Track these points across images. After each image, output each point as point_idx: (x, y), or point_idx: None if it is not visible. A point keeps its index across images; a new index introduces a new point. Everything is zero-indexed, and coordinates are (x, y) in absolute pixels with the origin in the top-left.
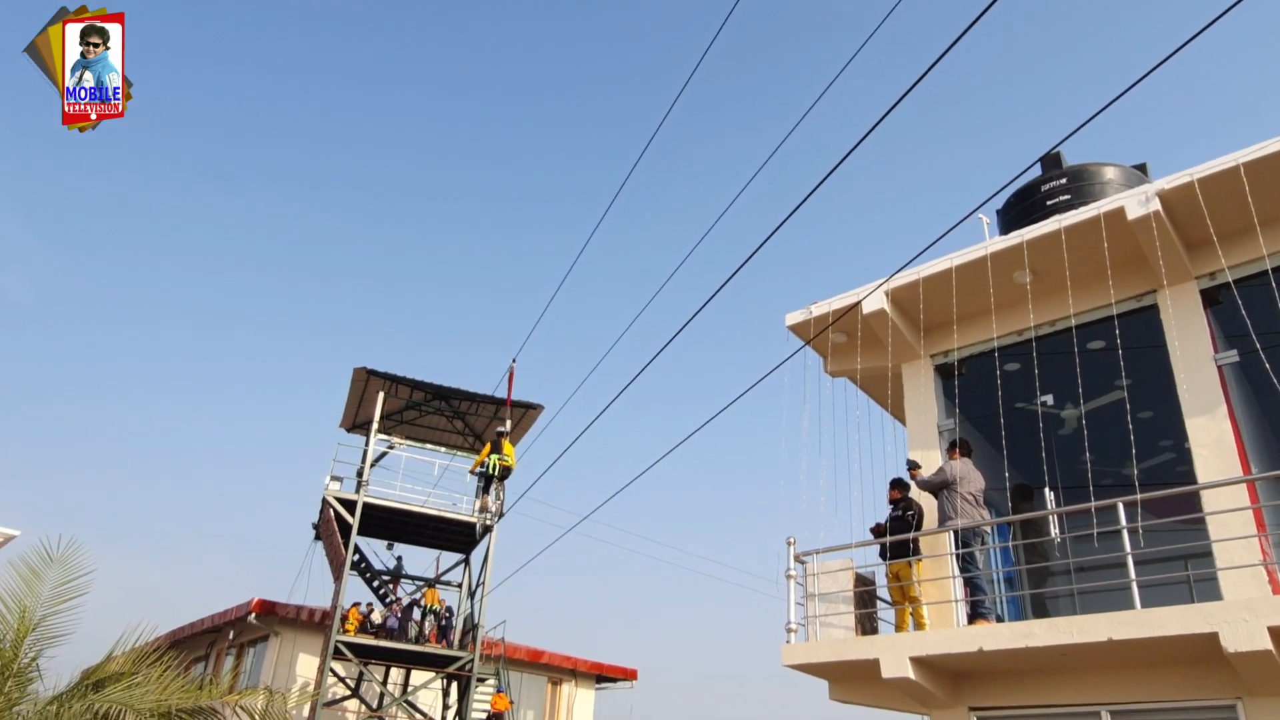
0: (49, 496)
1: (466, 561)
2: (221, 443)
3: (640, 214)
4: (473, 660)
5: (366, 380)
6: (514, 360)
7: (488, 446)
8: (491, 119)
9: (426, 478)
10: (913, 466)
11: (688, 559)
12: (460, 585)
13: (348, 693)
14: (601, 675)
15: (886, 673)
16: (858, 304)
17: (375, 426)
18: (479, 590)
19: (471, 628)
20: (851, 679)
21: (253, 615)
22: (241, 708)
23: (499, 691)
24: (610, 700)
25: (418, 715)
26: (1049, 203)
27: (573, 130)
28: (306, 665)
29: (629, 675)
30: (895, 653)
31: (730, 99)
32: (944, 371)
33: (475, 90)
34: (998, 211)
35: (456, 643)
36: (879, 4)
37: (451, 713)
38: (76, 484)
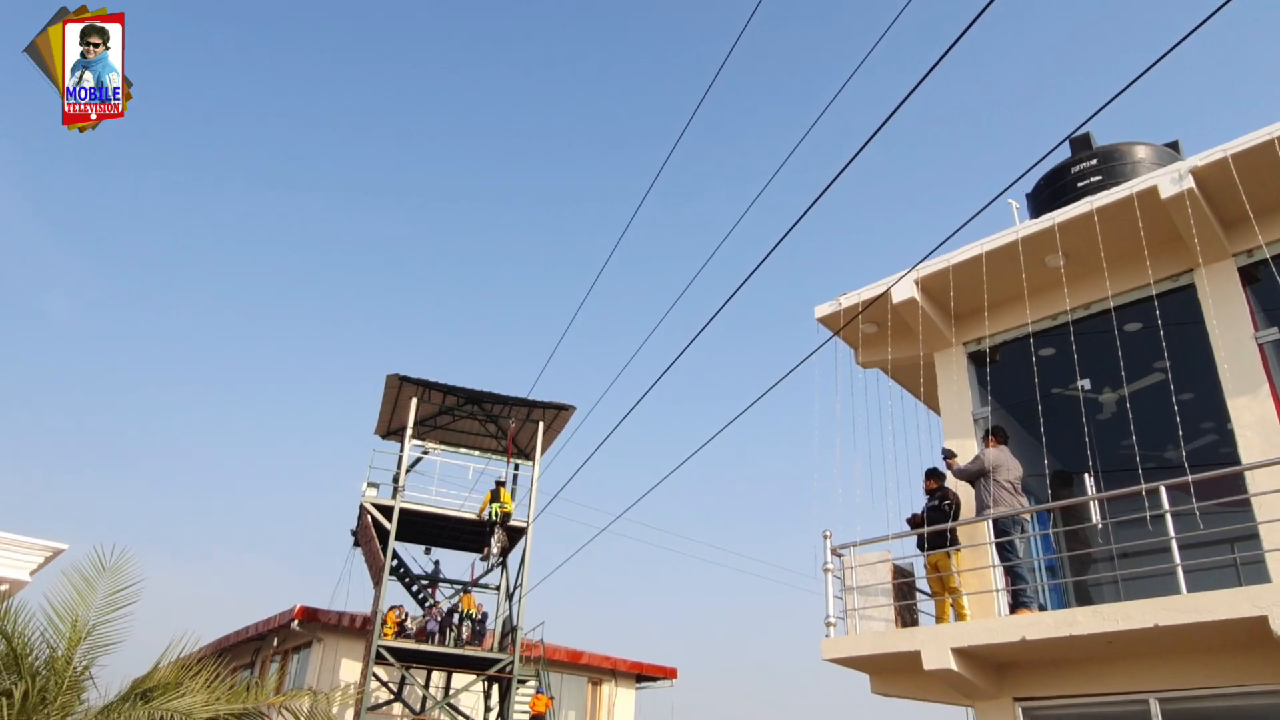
0: (90, 509)
1: (504, 564)
2: (260, 449)
3: (666, 214)
4: (513, 662)
5: (399, 387)
6: (513, 423)
7: (489, 495)
8: (516, 123)
9: (462, 482)
10: (948, 456)
11: (725, 556)
12: (498, 588)
13: (391, 697)
14: (641, 674)
15: (928, 664)
16: (887, 293)
17: (409, 433)
18: (517, 592)
19: (510, 630)
20: (893, 672)
21: (296, 622)
22: (287, 709)
23: (538, 692)
24: (651, 699)
25: (460, 718)
26: (1080, 184)
27: (597, 134)
28: (350, 670)
29: (669, 674)
30: (936, 644)
31: (757, 98)
32: (977, 359)
33: (499, 95)
34: (1027, 195)
35: (496, 645)
36: None
37: (494, 715)
38: (117, 495)
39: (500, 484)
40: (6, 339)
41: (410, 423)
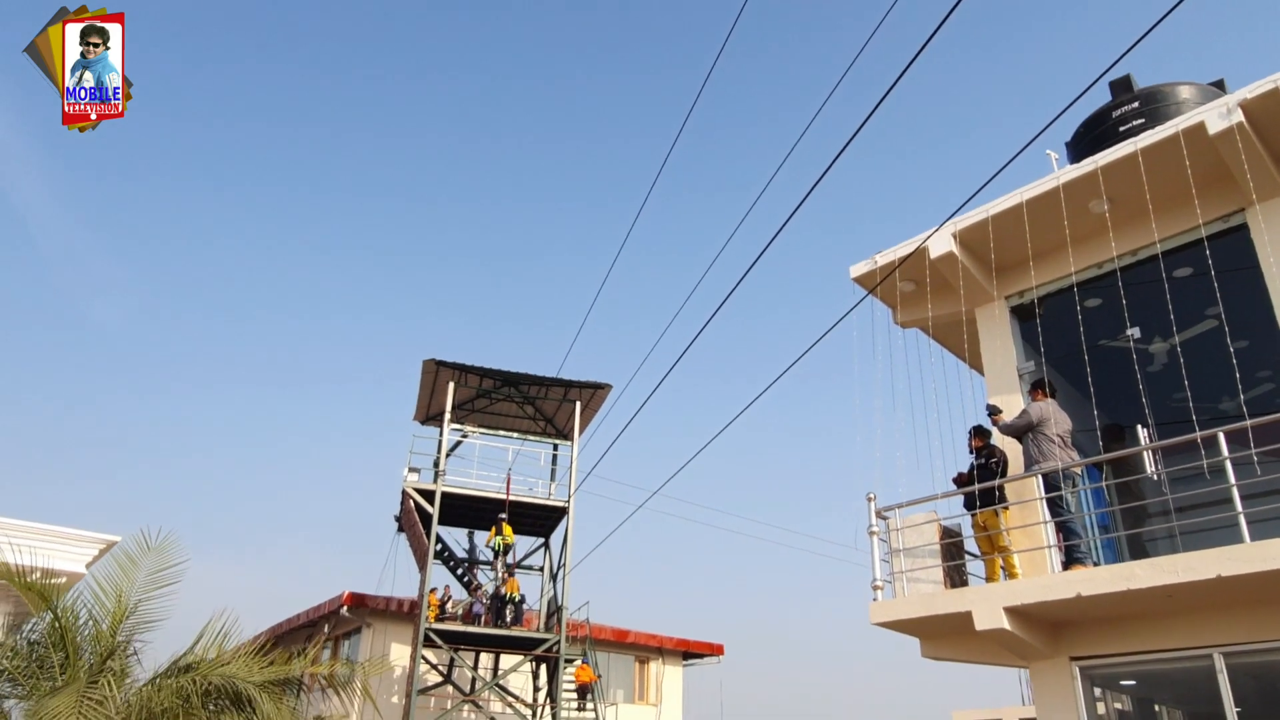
0: (142, 508)
1: (546, 545)
2: (301, 444)
3: (685, 195)
4: (559, 642)
5: (436, 372)
6: (509, 472)
7: (493, 530)
8: (525, 122)
9: (501, 464)
10: (993, 412)
11: (768, 531)
12: (541, 569)
13: (440, 679)
14: (688, 652)
15: (980, 624)
16: (924, 248)
17: (448, 417)
18: (560, 572)
19: (556, 609)
20: (943, 635)
21: (345, 608)
22: (326, 680)
23: (583, 663)
24: (699, 676)
25: (509, 698)
26: (1121, 129)
27: (604, 128)
28: (399, 654)
29: (716, 650)
30: (988, 604)
31: (773, 67)
32: (1021, 313)
33: (506, 94)
34: (1066, 144)
35: (542, 625)
36: None
37: (542, 694)
38: (170, 494)
39: (502, 518)
40: (56, 345)
41: (448, 407)
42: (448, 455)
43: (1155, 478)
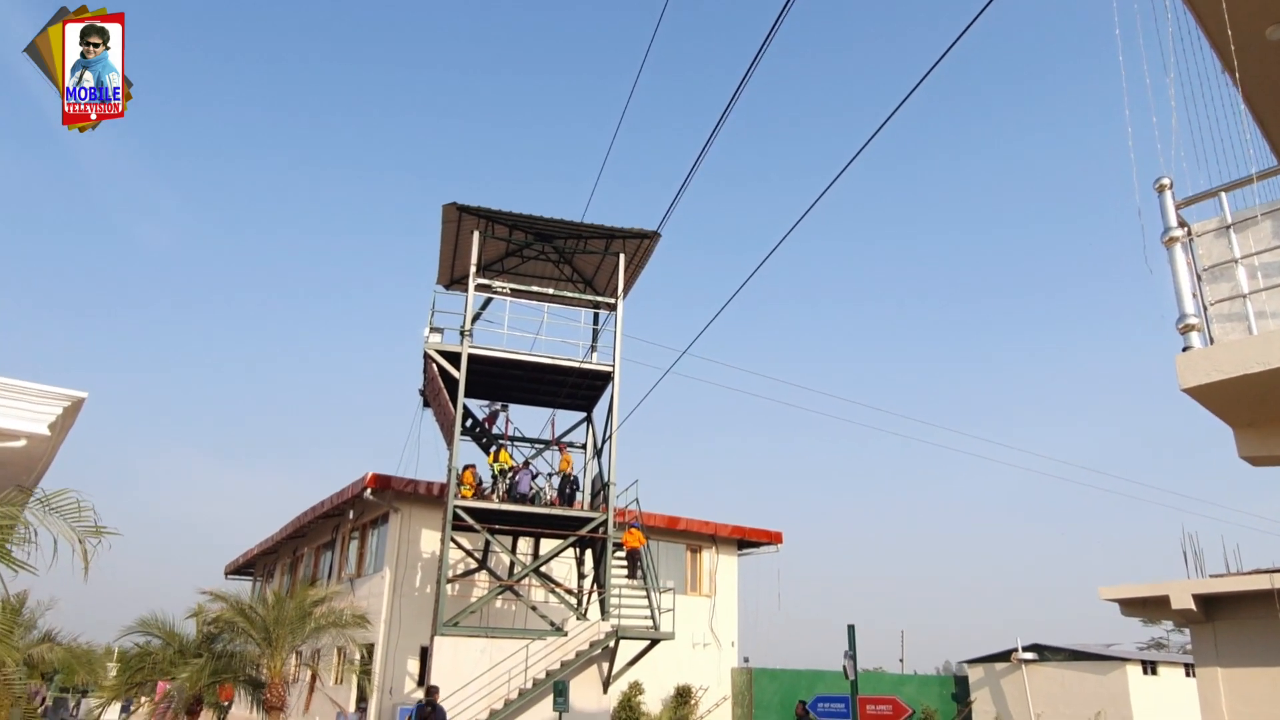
0: (200, 414)
1: (589, 419)
2: (328, 350)
3: None
4: (605, 521)
5: (459, 220)
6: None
7: (491, 455)
8: None
9: (534, 328)
10: None
11: (836, 405)
12: (584, 446)
13: (476, 566)
14: (744, 540)
15: None
16: None
17: (473, 272)
18: (606, 446)
19: (602, 487)
20: None
21: (369, 491)
22: None
23: (632, 527)
24: (755, 565)
25: (552, 584)
26: None
27: None
28: (430, 540)
29: (774, 539)
30: None
31: None
32: None
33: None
34: None
35: (587, 504)
36: None
37: (587, 581)
38: (216, 403)
39: (501, 446)
40: (108, 266)
41: (474, 263)
42: (475, 318)
43: None
